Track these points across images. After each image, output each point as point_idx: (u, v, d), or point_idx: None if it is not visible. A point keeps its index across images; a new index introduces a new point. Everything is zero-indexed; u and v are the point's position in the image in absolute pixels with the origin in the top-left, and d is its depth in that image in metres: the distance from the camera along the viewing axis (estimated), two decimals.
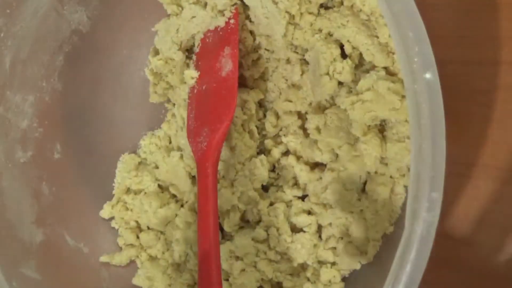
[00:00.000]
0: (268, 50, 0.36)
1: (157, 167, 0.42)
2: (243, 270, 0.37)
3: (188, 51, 0.40)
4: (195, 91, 0.38)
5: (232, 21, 0.36)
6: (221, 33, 0.36)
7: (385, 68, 0.31)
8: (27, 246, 0.37)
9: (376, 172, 0.32)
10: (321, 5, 0.34)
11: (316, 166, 0.36)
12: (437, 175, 0.24)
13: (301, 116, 0.37)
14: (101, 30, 0.41)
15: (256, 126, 0.38)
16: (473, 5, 0.33)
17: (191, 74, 0.38)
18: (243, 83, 0.38)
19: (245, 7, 0.36)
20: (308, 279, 0.35)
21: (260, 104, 0.39)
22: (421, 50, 0.23)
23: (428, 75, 0.23)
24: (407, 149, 0.30)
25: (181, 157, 0.40)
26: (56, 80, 0.40)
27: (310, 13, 0.33)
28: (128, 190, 0.42)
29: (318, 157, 0.34)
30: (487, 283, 0.34)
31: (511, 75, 0.32)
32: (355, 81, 0.32)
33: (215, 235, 0.32)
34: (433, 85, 0.23)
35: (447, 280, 0.34)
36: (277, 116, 0.38)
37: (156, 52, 0.40)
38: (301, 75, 0.35)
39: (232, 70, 0.35)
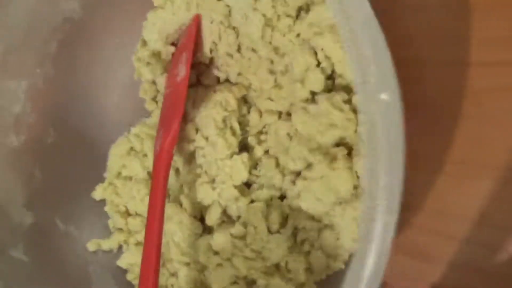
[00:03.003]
0: (250, 48, 0.35)
1: (146, 155, 0.42)
2: (220, 264, 0.37)
3: (175, 44, 0.39)
4: (164, 94, 0.38)
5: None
6: (183, 38, 0.36)
7: None
8: (16, 228, 0.38)
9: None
10: (301, 9, 0.32)
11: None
12: (392, 200, 0.23)
13: (282, 116, 0.36)
14: (93, 18, 0.41)
15: (240, 123, 0.38)
16: (472, 5, 0.32)
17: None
18: (227, 79, 0.38)
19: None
20: (282, 279, 0.36)
21: (245, 101, 0.38)
22: (378, 69, 0.22)
23: (384, 96, 0.22)
24: None
25: None
26: (50, 66, 0.40)
27: (288, 16, 0.32)
28: (119, 175, 0.43)
29: (291, 165, 0.33)
30: (487, 283, 0.33)
31: (511, 75, 0.31)
32: (330, 90, 0.30)
33: (158, 240, 0.33)
34: (391, 107, 0.22)
35: (447, 280, 0.34)
36: (260, 114, 0.37)
37: (144, 43, 0.40)
38: (282, 75, 0.34)
39: (184, 76, 0.35)
